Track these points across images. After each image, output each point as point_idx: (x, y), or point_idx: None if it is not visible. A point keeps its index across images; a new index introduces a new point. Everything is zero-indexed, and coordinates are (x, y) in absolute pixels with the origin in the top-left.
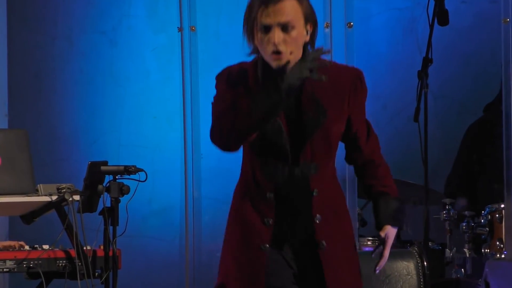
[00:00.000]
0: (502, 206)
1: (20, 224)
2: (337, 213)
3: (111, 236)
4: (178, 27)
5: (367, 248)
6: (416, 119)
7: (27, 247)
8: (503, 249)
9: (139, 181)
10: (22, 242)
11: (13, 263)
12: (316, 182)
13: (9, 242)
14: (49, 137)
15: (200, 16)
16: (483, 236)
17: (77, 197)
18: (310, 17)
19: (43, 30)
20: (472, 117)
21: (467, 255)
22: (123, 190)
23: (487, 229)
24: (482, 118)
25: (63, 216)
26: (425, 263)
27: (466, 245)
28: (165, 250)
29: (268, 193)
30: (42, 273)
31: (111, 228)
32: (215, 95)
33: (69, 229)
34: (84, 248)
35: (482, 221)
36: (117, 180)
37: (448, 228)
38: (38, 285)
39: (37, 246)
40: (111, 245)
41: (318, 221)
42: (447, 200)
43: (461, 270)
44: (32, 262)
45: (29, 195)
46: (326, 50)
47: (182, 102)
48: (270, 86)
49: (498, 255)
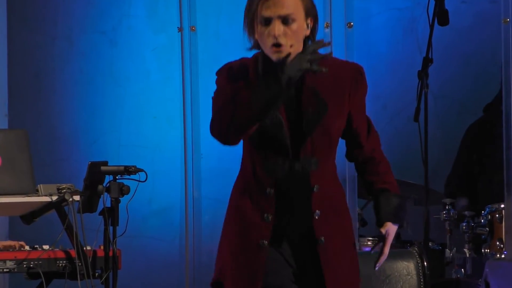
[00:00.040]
0: (502, 206)
1: (20, 224)
2: (336, 209)
3: (111, 236)
4: (178, 27)
5: (367, 248)
6: (416, 119)
7: (27, 247)
8: (503, 249)
9: (139, 181)
10: (22, 242)
11: (13, 263)
12: (316, 178)
13: (9, 242)
14: (49, 137)
15: (200, 16)
16: (483, 236)
17: (77, 197)
18: (310, 11)
19: (43, 30)
20: (472, 117)
21: (467, 255)
22: (123, 190)
23: (487, 229)
24: (482, 118)
25: (63, 216)
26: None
27: (466, 245)
28: (165, 250)
29: (268, 188)
30: (42, 273)
31: (111, 228)
32: (215, 90)
33: (69, 229)
34: (84, 248)
35: (482, 221)
36: (117, 180)
37: (448, 228)
38: (38, 285)
39: (37, 246)
40: (111, 245)
41: (317, 217)
42: (447, 200)
43: (461, 270)
44: (32, 262)
45: (29, 195)
46: (326, 42)
47: (182, 102)
48: (271, 78)
49: (498, 255)
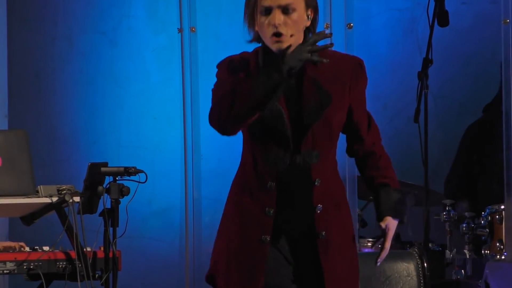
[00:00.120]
0: (502, 207)
1: (20, 225)
2: (337, 204)
3: (111, 237)
4: (178, 28)
5: (367, 250)
6: (416, 120)
7: (27, 249)
8: (503, 250)
9: (139, 182)
10: (22, 243)
11: (13, 265)
12: (317, 172)
13: (9, 243)
14: (49, 137)
15: (200, 17)
16: (483, 237)
17: (77, 199)
18: (311, 2)
19: (43, 30)
20: (472, 118)
21: (467, 256)
22: (123, 191)
23: (487, 230)
24: (482, 118)
25: (63, 217)
26: (425, 264)
27: (466, 246)
28: (165, 251)
29: (269, 182)
30: (42, 274)
31: (111, 229)
32: (216, 82)
33: (69, 230)
34: (84, 249)
35: (482, 222)
36: (117, 181)
37: (448, 229)
38: (38, 286)
39: (37, 247)
40: (111, 246)
41: (319, 211)
42: (448, 201)
43: (461, 271)
44: (32, 264)
45: (29, 196)
46: (328, 33)
47: (182, 103)
48: (271, 67)
49: (498, 256)
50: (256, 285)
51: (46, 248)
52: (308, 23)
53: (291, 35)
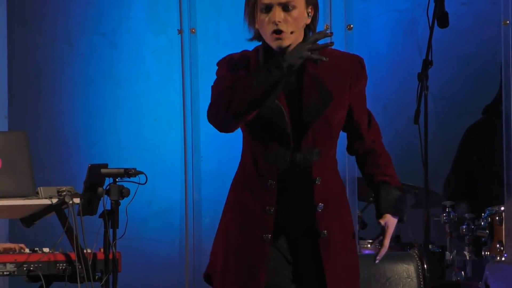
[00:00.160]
0: (502, 208)
1: (20, 227)
2: (338, 203)
3: (111, 239)
4: (178, 29)
5: (367, 251)
6: (416, 121)
7: (27, 250)
8: (503, 252)
9: (139, 183)
10: (22, 245)
11: (13, 266)
12: (318, 170)
13: (9, 245)
14: (49, 139)
15: (200, 18)
16: (483, 239)
17: (77, 200)
18: (311, 0)
19: (43, 32)
20: (472, 119)
21: (467, 258)
22: (123, 192)
23: (487, 231)
24: (481, 120)
25: (63, 219)
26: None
27: (466, 248)
28: (165, 252)
29: (269, 180)
30: (42, 276)
31: (111, 230)
32: (215, 79)
33: (69, 232)
34: (84, 251)
35: (482, 223)
36: (117, 183)
37: (448, 231)
38: None
39: (37, 249)
40: (111, 247)
41: (320, 210)
42: (448, 203)
43: (461, 273)
44: (32, 265)
45: (29, 198)
46: (329, 32)
47: (182, 104)
48: (272, 64)
49: (498, 258)
50: (257, 285)
51: (46, 249)
52: (309, 21)
53: (291, 32)
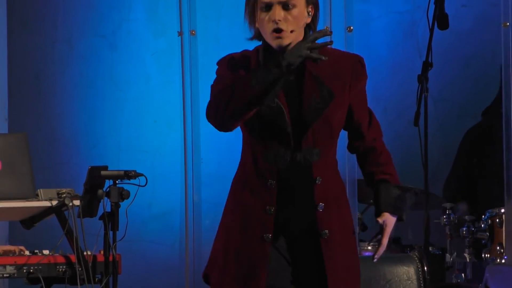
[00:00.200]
0: (502, 210)
1: (20, 229)
2: (338, 202)
3: (111, 241)
4: (178, 31)
5: (367, 253)
6: (416, 123)
7: (27, 252)
8: (504, 254)
9: (139, 185)
10: (22, 247)
11: (13, 268)
12: (318, 170)
13: (9, 247)
14: (49, 140)
15: (200, 20)
16: (483, 241)
17: (77, 202)
18: None
19: (43, 33)
20: (472, 121)
21: (468, 260)
22: (123, 194)
23: (488, 233)
24: (481, 122)
25: (63, 221)
26: (425, 268)
27: (466, 250)
28: (165, 255)
29: (269, 180)
30: (42, 278)
31: (111, 232)
32: (215, 78)
33: (69, 234)
34: (84, 253)
35: (482, 225)
36: (117, 185)
37: (449, 233)
38: None
39: (37, 251)
40: (111, 250)
41: (321, 209)
42: (448, 205)
43: (462, 275)
44: (32, 267)
45: (29, 200)
46: (329, 31)
47: (182, 106)
48: (271, 62)
49: (498, 260)
50: (257, 285)
51: (46, 251)
52: (309, 20)
53: (292, 31)
